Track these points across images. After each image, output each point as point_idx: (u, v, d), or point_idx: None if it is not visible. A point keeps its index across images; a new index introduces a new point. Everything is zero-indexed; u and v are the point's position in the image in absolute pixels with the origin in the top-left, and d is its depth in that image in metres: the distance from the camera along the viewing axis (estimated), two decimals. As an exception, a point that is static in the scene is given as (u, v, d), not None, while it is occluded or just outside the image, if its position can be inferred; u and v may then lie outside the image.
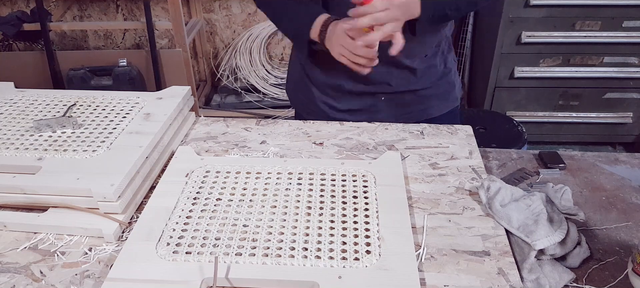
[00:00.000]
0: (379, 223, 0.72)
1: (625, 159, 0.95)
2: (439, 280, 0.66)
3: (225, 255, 0.67)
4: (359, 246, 0.69)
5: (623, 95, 2.36)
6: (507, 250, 0.70)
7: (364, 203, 0.77)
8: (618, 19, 2.17)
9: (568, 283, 0.67)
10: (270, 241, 0.70)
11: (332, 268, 0.65)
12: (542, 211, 0.73)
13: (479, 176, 0.87)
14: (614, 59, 2.26)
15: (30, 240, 0.74)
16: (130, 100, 1.01)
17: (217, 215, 0.75)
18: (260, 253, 0.67)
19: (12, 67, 2.65)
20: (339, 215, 0.74)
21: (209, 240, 0.70)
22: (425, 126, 1.02)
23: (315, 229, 0.72)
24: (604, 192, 0.86)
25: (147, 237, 0.70)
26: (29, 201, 0.77)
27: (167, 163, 0.90)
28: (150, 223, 0.73)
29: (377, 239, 0.70)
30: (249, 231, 0.71)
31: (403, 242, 0.69)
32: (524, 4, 2.16)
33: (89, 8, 2.81)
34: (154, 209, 0.76)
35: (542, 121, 2.44)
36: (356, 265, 0.66)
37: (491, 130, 1.75)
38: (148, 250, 0.68)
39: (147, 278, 0.64)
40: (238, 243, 0.69)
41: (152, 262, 0.66)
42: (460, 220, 0.76)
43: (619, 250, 0.73)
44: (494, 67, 2.32)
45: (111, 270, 0.65)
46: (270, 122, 1.05)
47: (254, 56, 2.85)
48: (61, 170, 0.79)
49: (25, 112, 0.97)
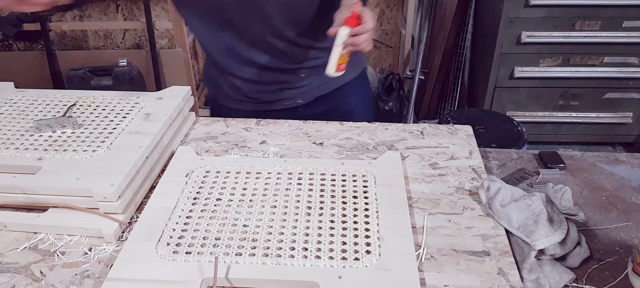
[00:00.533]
0: (379, 223, 0.72)
1: (625, 159, 0.95)
2: (439, 280, 0.66)
3: (225, 255, 0.67)
4: (359, 246, 0.69)
5: (623, 95, 2.36)
6: (507, 250, 0.70)
7: (364, 203, 0.77)
8: (618, 19, 2.17)
9: (568, 283, 0.67)
10: (270, 241, 0.70)
11: (332, 268, 0.65)
12: (542, 211, 0.73)
13: (479, 176, 0.87)
14: (614, 59, 2.26)
15: (30, 240, 0.74)
16: (130, 100, 1.01)
17: (217, 215, 0.75)
18: (260, 253, 0.67)
19: (12, 67, 2.65)
20: (339, 215, 0.74)
21: (209, 240, 0.70)
22: (425, 126, 1.02)
23: (315, 229, 0.72)
24: (604, 192, 0.86)
25: (147, 237, 0.70)
26: (29, 201, 0.77)
27: (167, 164, 0.90)
28: (150, 223, 0.73)
29: (377, 239, 0.70)
30: (249, 231, 0.71)
31: (403, 242, 0.69)
32: (524, 4, 2.16)
33: (89, 8, 2.81)
34: (154, 209, 0.76)
35: (542, 121, 2.44)
36: (356, 265, 0.66)
37: (491, 130, 1.75)
38: (148, 250, 0.68)
39: (147, 278, 0.64)
40: (238, 243, 0.69)
41: (152, 262, 0.66)
42: (460, 220, 0.76)
43: (619, 250, 0.73)
44: (494, 67, 2.32)
45: (111, 270, 0.65)
46: (270, 122, 1.05)
47: (254, 56, 2.85)
48: (61, 170, 0.79)
49: (25, 112, 0.97)
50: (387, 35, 2.94)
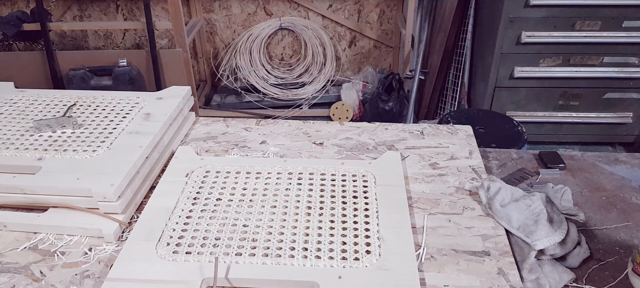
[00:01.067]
0: (379, 223, 0.72)
1: (625, 159, 0.95)
2: (439, 280, 0.66)
3: (225, 255, 0.67)
4: (359, 246, 0.69)
5: (623, 95, 2.36)
6: (507, 250, 0.70)
7: (364, 203, 0.77)
8: (618, 19, 2.17)
9: (568, 283, 0.67)
10: (270, 241, 0.70)
11: (332, 268, 0.65)
12: (542, 211, 0.73)
13: (479, 176, 0.87)
14: (614, 59, 2.26)
15: (30, 240, 0.74)
16: (130, 100, 1.01)
17: (217, 215, 0.75)
18: (260, 253, 0.67)
19: (12, 67, 2.64)
20: (339, 215, 0.74)
21: (209, 240, 0.70)
22: (425, 126, 1.02)
23: (315, 229, 0.72)
24: (604, 192, 0.86)
25: (147, 237, 0.70)
26: (29, 201, 0.77)
27: (167, 163, 0.90)
28: (150, 223, 0.73)
29: (377, 239, 0.70)
30: (249, 231, 0.72)
31: (403, 242, 0.69)
32: (524, 4, 2.16)
33: (89, 8, 2.81)
34: (154, 209, 0.76)
35: (542, 121, 2.44)
36: (356, 265, 0.66)
37: (491, 130, 1.75)
38: (148, 250, 0.68)
39: (147, 278, 0.64)
40: (238, 243, 0.69)
41: (152, 262, 0.66)
42: (460, 220, 0.76)
43: (619, 250, 0.73)
44: (494, 67, 2.32)
45: (111, 270, 0.65)
46: (270, 122, 1.05)
47: (254, 56, 2.85)
48: (61, 170, 0.79)
49: (25, 112, 0.97)
50: (387, 35, 2.94)
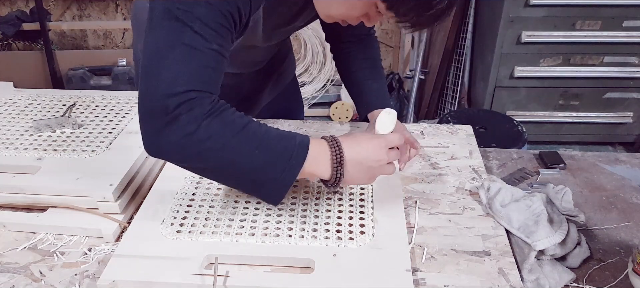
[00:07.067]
0: (374, 207, 0.75)
1: (625, 159, 0.95)
2: (439, 280, 0.66)
3: (226, 235, 0.70)
4: (353, 227, 0.71)
5: (623, 95, 2.36)
6: (507, 250, 0.70)
7: (359, 189, 0.80)
8: (618, 18, 2.17)
9: (568, 283, 0.67)
10: (269, 222, 0.72)
11: (327, 247, 0.68)
12: (543, 212, 0.73)
13: (479, 176, 0.87)
14: (614, 58, 2.26)
15: (30, 240, 0.74)
16: (129, 100, 1.01)
17: (218, 199, 0.77)
18: (259, 233, 0.70)
19: (11, 66, 2.65)
20: (335, 199, 0.77)
21: (211, 220, 0.73)
22: (425, 126, 1.02)
23: (312, 212, 0.74)
24: (604, 192, 0.85)
25: (152, 217, 0.73)
26: (29, 201, 0.77)
27: (166, 163, 0.90)
28: (155, 205, 0.76)
29: (371, 221, 0.72)
30: (249, 213, 0.74)
31: (395, 222, 0.72)
32: (524, 4, 2.15)
33: (88, 8, 2.81)
34: (159, 192, 0.79)
35: (542, 121, 2.44)
36: (350, 244, 0.68)
37: (491, 130, 1.74)
38: (153, 229, 0.71)
39: (151, 255, 0.66)
40: (238, 224, 0.72)
41: (156, 240, 0.69)
42: (460, 220, 0.76)
43: (619, 250, 0.73)
44: (494, 67, 2.32)
45: (118, 247, 0.68)
46: (270, 122, 1.05)
47: (254, 56, 2.85)
48: (61, 170, 0.79)
49: (24, 112, 0.97)
50: (387, 35, 2.93)
